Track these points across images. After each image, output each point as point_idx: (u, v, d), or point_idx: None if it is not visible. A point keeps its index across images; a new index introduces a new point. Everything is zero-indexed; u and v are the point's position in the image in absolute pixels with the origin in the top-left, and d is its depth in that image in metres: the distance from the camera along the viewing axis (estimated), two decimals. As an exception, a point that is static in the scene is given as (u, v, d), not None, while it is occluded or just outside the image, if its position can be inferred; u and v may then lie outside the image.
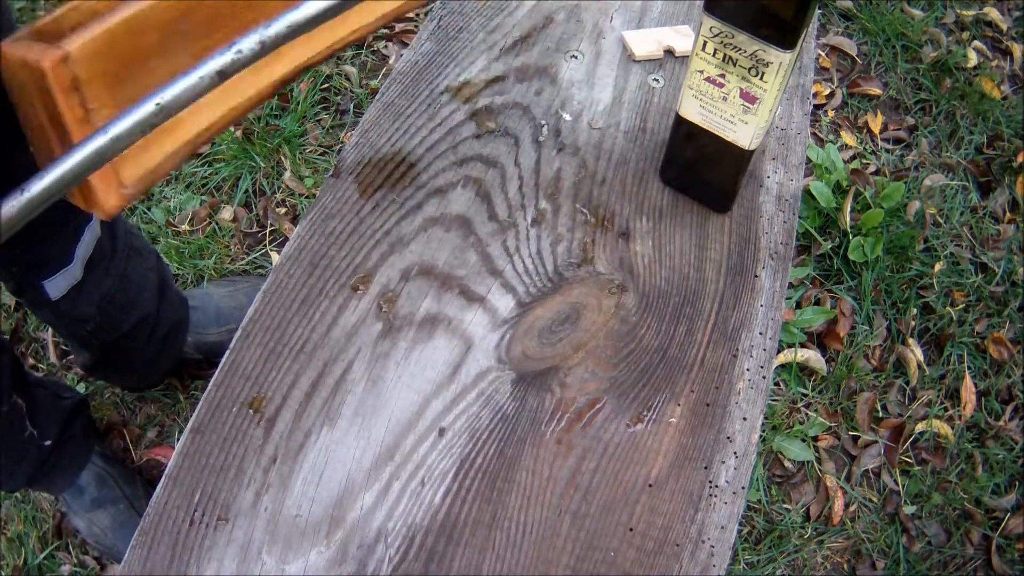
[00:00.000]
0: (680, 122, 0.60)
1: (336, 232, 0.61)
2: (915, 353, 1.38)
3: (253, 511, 0.48)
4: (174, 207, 1.45)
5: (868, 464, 1.29)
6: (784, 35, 0.49)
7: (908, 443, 1.31)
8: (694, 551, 0.49)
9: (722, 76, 0.54)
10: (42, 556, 1.14)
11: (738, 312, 0.59)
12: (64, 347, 1.30)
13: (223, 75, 0.31)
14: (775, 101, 0.54)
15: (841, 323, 1.41)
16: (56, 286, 0.86)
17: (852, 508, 1.25)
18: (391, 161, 0.65)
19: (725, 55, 0.53)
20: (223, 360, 0.54)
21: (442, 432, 0.52)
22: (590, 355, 0.56)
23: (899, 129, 1.71)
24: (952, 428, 1.32)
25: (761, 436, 0.85)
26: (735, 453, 0.53)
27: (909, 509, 1.25)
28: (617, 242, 0.62)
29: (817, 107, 1.73)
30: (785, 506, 1.25)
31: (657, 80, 0.73)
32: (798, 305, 1.42)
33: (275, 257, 1.41)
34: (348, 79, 1.71)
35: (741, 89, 0.54)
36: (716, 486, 0.51)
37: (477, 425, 0.53)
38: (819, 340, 1.40)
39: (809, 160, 1.51)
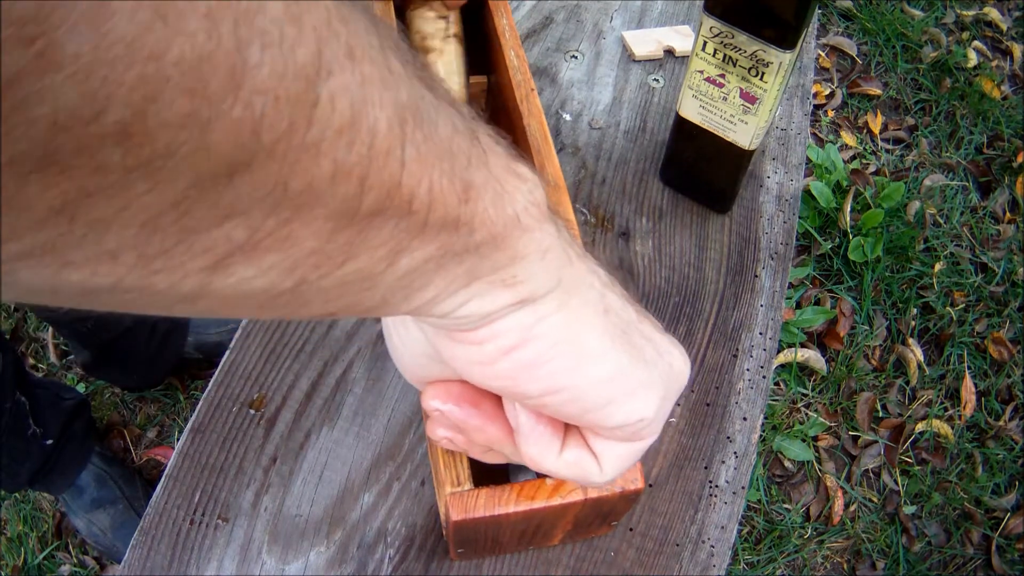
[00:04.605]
0: (680, 122, 0.60)
1: (336, 232, 0.61)
2: (915, 353, 1.39)
3: (253, 511, 0.48)
4: (174, 207, 1.45)
5: (868, 464, 1.29)
6: (784, 35, 0.49)
7: (908, 443, 1.31)
8: (694, 551, 0.49)
9: (722, 76, 0.54)
10: (42, 556, 1.14)
11: (738, 312, 0.59)
12: (64, 347, 1.30)
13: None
14: (775, 101, 0.54)
15: (841, 323, 1.41)
16: None
17: (852, 508, 1.26)
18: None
19: (725, 55, 0.53)
20: (223, 360, 0.54)
21: (442, 432, 0.52)
22: (590, 355, 0.56)
23: (899, 129, 1.71)
24: (952, 428, 1.32)
25: (761, 436, 0.85)
26: (735, 453, 0.53)
27: (909, 509, 1.25)
28: (617, 242, 0.62)
29: (817, 107, 1.73)
30: (785, 506, 1.25)
31: (657, 80, 0.73)
32: (798, 305, 1.42)
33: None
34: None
35: (741, 89, 0.54)
36: (716, 486, 0.51)
37: (477, 425, 0.53)
38: (819, 340, 1.40)
39: (809, 160, 1.51)
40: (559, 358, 0.26)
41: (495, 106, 0.61)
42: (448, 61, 0.57)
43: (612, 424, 0.28)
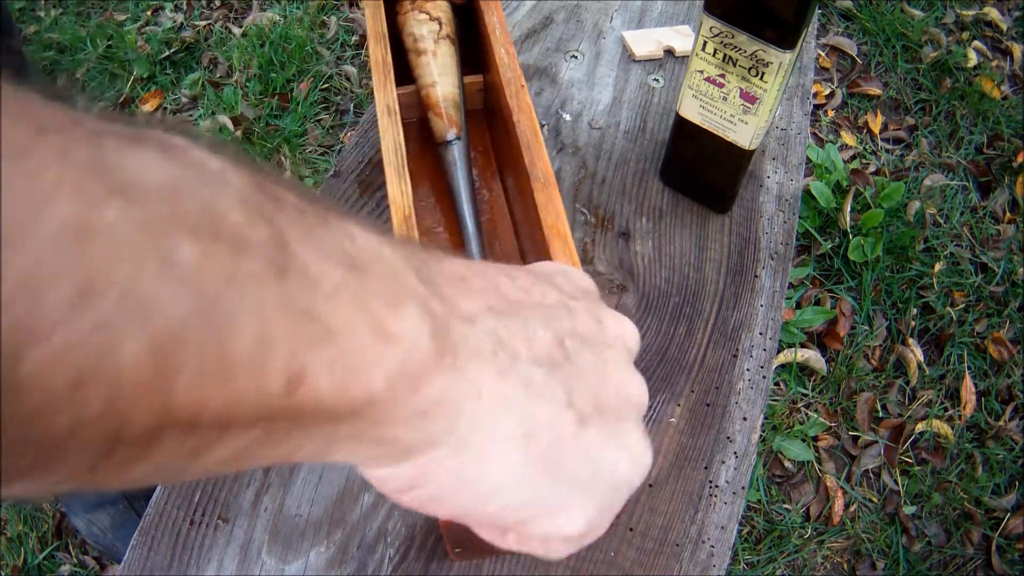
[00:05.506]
0: (680, 122, 0.60)
1: (336, 232, 0.61)
2: (915, 353, 1.39)
3: (253, 511, 0.48)
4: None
5: (868, 464, 1.29)
6: (784, 35, 0.49)
7: (908, 443, 1.31)
8: (694, 551, 0.49)
9: (722, 76, 0.54)
10: (42, 556, 1.14)
11: (738, 312, 0.59)
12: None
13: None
14: (775, 101, 0.54)
15: (841, 323, 1.41)
16: None
17: (852, 508, 1.26)
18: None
19: (725, 55, 0.52)
20: (223, 360, 0.54)
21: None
22: (590, 355, 0.56)
23: (899, 129, 1.71)
24: (952, 428, 1.32)
25: (761, 436, 0.85)
26: (735, 453, 0.53)
27: (909, 509, 1.25)
28: (617, 242, 0.62)
29: (817, 107, 1.73)
30: (785, 506, 1.25)
31: (657, 80, 0.73)
32: (798, 305, 1.42)
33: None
34: (348, 79, 1.71)
35: (741, 89, 0.54)
36: (716, 486, 0.51)
37: (477, 425, 0.53)
38: (819, 340, 1.40)
39: (809, 160, 1.51)
40: (459, 494, 0.24)
41: (490, 105, 0.61)
42: (442, 63, 0.57)
43: (536, 536, 0.26)
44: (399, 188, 0.46)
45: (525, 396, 0.23)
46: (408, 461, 0.22)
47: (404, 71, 0.59)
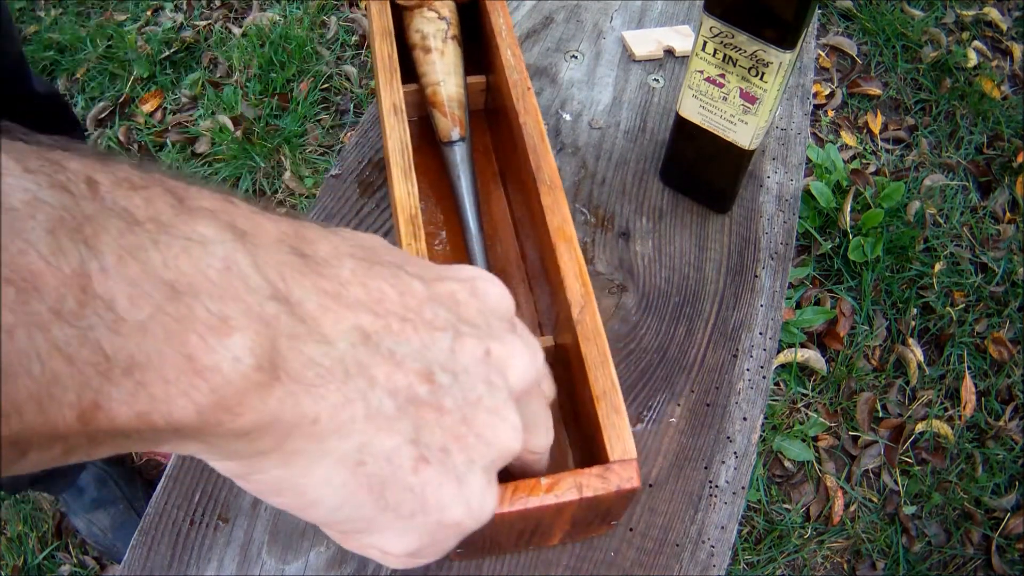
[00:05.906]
0: (680, 122, 0.60)
1: (336, 232, 0.61)
2: (915, 353, 1.39)
3: (253, 511, 0.48)
4: (174, 207, 1.45)
5: (868, 464, 1.29)
6: (784, 35, 0.49)
7: (908, 443, 1.31)
8: (694, 551, 0.49)
9: (722, 76, 0.54)
10: (42, 556, 1.14)
11: (738, 312, 0.59)
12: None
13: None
14: (775, 101, 0.54)
15: (841, 323, 1.41)
16: None
17: (852, 508, 1.26)
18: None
19: (725, 55, 0.53)
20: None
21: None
22: (590, 355, 0.56)
23: (899, 129, 1.71)
24: (952, 428, 1.32)
25: (761, 436, 0.85)
26: (735, 453, 0.53)
27: (909, 509, 1.25)
28: (617, 242, 0.62)
29: (817, 107, 1.73)
30: (785, 506, 1.25)
31: (657, 80, 0.73)
32: (798, 305, 1.42)
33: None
34: (348, 79, 1.71)
35: (741, 89, 0.54)
36: (716, 486, 0.51)
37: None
38: (819, 340, 1.40)
39: (809, 160, 1.51)
40: (282, 496, 0.24)
41: (494, 106, 0.61)
42: (448, 62, 0.57)
43: (364, 545, 0.26)
44: (405, 188, 0.46)
45: (368, 426, 0.23)
46: (233, 460, 0.23)
47: (405, 70, 0.59)
